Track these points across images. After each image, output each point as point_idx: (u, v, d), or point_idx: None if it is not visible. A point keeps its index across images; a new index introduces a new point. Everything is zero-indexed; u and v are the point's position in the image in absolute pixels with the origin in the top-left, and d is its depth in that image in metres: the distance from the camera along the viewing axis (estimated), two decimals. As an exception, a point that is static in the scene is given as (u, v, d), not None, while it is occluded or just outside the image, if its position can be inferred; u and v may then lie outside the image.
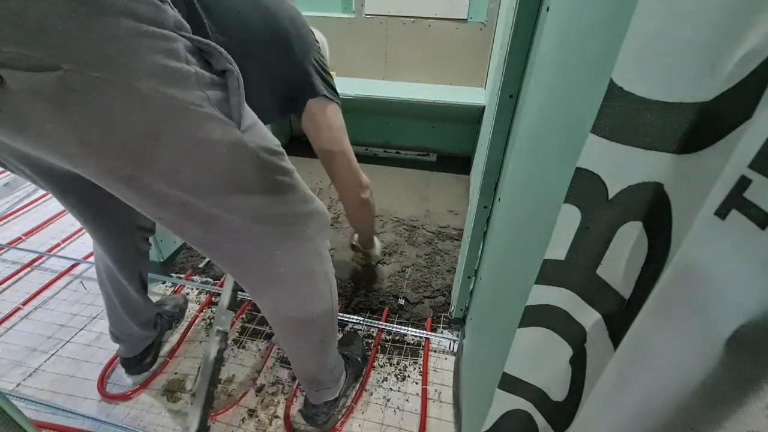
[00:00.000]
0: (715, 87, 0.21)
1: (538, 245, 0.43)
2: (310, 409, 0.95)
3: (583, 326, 0.33)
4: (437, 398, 1.06)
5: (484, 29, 1.88)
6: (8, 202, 1.85)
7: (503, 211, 0.78)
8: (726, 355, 0.18)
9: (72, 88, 0.39)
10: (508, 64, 0.74)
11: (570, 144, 0.39)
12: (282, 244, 0.63)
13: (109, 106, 0.42)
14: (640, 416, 0.23)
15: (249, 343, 1.19)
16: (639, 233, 0.28)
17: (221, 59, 0.49)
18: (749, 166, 0.18)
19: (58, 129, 0.42)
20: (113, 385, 1.07)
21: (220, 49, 0.49)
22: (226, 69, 0.50)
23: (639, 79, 0.25)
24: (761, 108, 0.18)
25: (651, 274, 0.26)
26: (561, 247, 0.33)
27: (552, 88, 0.52)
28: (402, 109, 1.96)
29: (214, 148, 0.49)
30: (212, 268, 1.46)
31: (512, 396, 0.43)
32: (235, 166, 0.53)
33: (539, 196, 0.52)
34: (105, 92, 0.41)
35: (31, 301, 1.31)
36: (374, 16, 1.96)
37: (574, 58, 0.43)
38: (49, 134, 0.42)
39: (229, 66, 0.50)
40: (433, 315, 1.29)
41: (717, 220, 0.19)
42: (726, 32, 0.20)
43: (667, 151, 0.25)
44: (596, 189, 0.29)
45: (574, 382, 0.34)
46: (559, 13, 0.52)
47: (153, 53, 0.42)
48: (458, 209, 1.82)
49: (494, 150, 0.86)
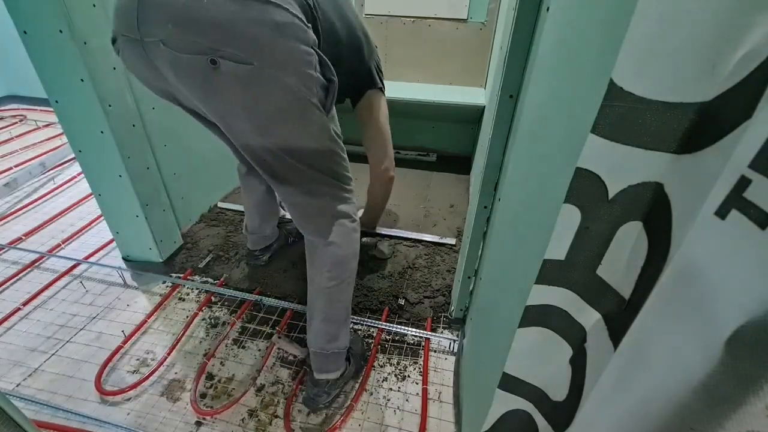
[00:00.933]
0: (715, 87, 0.21)
1: (538, 245, 0.43)
2: (312, 389, 0.98)
3: (583, 326, 0.33)
4: (437, 398, 1.06)
5: (484, 29, 1.88)
6: (8, 202, 1.85)
7: (503, 211, 0.78)
8: (726, 355, 0.18)
9: (255, 75, 0.66)
10: (508, 64, 0.74)
11: (570, 144, 0.39)
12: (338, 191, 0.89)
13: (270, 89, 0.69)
14: (640, 416, 0.23)
15: (249, 342, 1.19)
16: (639, 233, 0.28)
17: (328, 70, 0.76)
18: (749, 166, 0.18)
19: (235, 98, 0.70)
20: (112, 387, 1.07)
21: (329, 64, 0.75)
22: (331, 79, 0.77)
23: (639, 79, 0.25)
24: (761, 108, 0.18)
25: (651, 274, 0.26)
26: (561, 247, 0.33)
27: (552, 88, 0.52)
28: (402, 109, 1.96)
29: (313, 124, 0.77)
30: (212, 268, 1.46)
31: (512, 396, 0.43)
32: (321, 137, 0.80)
33: (539, 196, 0.52)
34: (270, 81, 0.68)
35: (31, 302, 1.31)
36: (374, 16, 1.96)
37: (574, 58, 0.43)
38: (229, 100, 0.70)
39: (333, 78, 0.77)
40: (433, 315, 1.29)
41: (717, 220, 0.19)
42: (726, 32, 0.20)
43: (667, 151, 0.25)
44: (596, 189, 0.29)
45: (574, 382, 0.34)
46: (559, 13, 0.52)
47: (301, 62, 0.70)
48: (458, 209, 1.82)
49: (494, 150, 0.86)
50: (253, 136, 0.77)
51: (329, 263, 0.91)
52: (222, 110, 0.74)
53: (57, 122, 1.54)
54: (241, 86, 0.67)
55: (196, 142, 1.55)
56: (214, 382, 1.08)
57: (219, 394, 1.05)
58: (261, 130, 0.75)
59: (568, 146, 0.41)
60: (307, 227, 0.92)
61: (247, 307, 1.30)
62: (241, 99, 0.69)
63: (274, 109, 0.71)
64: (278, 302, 1.31)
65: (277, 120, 0.74)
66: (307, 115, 0.75)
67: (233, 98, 0.69)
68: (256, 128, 0.75)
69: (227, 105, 0.72)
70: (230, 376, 1.09)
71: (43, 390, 1.05)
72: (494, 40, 1.76)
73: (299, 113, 0.74)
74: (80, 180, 2.04)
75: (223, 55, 0.63)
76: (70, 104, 1.15)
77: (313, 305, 0.95)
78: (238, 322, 1.25)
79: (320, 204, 0.87)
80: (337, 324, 0.95)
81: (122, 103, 1.20)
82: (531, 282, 0.37)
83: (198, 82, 0.68)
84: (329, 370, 0.97)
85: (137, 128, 1.26)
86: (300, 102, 0.72)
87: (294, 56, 0.68)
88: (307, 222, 0.91)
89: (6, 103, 3.07)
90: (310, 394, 0.99)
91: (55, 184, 2.01)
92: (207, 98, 0.72)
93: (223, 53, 0.63)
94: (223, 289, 1.35)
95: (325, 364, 0.96)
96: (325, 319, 0.94)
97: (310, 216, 0.90)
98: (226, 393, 1.05)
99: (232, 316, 1.27)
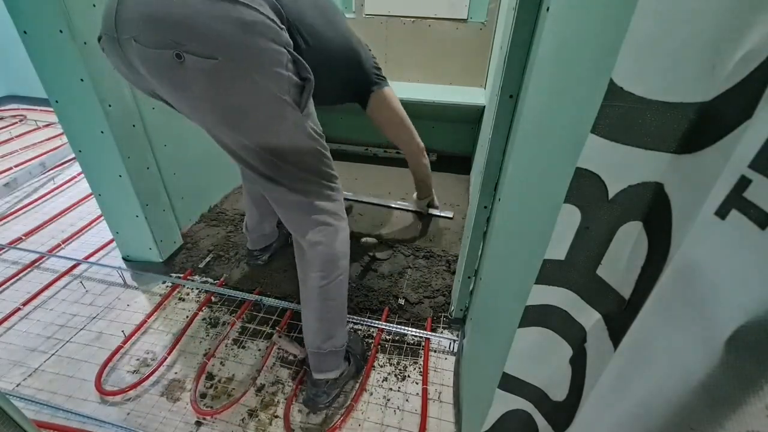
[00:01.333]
0: (715, 87, 0.21)
1: (538, 245, 0.43)
2: (311, 389, 0.98)
3: (583, 326, 0.33)
4: (437, 398, 1.06)
5: (484, 29, 1.88)
6: (8, 202, 1.85)
7: (503, 211, 0.78)
8: (726, 355, 0.18)
9: (221, 70, 0.67)
10: (508, 64, 0.74)
11: (570, 144, 0.39)
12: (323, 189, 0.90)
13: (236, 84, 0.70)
14: (640, 416, 0.23)
15: (249, 342, 1.19)
16: (639, 233, 0.28)
17: (304, 70, 0.76)
18: (749, 166, 0.18)
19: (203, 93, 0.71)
20: (112, 387, 1.07)
21: (305, 65, 0.75)
22: (307, 78, 0.77)
23: (639, 79, 0.25)
24: (761, 108, 0.18)
25: (651, 274, 0.26)
26: (561, 247, 0.33)
27: (552, 88, 0.52)
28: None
29: (285, 121, 0.78)
30: (212, 268, 1.46)
31: (512, 396, 0.43)
32: (296, 134, 0.81)
33: (539, 196, 0.52)
34: (236, 75, 0.69)
35: (31, 301, 1.31)
36: (374, 16, 1.96)
37: (574, 58, 0.43)
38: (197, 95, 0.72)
39: (309, 76, 0.77)
40: (433, 315, 1.28)
41: (717, 220, 0.19)
42: (726, 32, 0.20)
43: (667, 151, 0.25)
44: (596, 189, 0.29)
45: (574, 382, 0.34)
46: (559, 13, 0.52)
47: (269, 60, 0.70)
48: (458, 209, 1.82)
49: (494, 150, 0.86)
50: (225, 131, 0.79)
51: (318, 263, 0.91)
52: (191, 104, 0.76)
53: (57, 122, 1.54)
54: (206, 80, 0.68)
55: (196, 142, 1.55)
56: (214, 382, 1.08)
57: (219, 394, 1.05)
58: (231, 124, 0.77)
59: (568, 146, 0.41)
60: (293, 226, 0.93)
61: (247, 307, 1.30)
62: (207, 93, 0.71)
63: (241, 103, 0.73)
64: (278, 302, 1.31)
65: (246, 115, 0.75)
66: (279, 112, 0.76)
67: (200, 92, 0.71)
68: (226, 123, 0.77)
69: (196, 99, 0.74)
70: (230, 376, 1.09)
71: (43, 390, 1.05)
72: (494, 40, 1.76)
73: (269, 109, 0.75)
74: (80, 180, 2.04)
75: (187, 50, 0.65)
76: (70, 104, 1.15)
77: (306, 305, 0.96)
78: (238, 322, 1.25)
79: (305, 202, 0.88)
80: (332, 322, 0.95)
81: (122, 103, 1.20)
82: (531, 282, 0.37)
83: (166, 76, 0.70)
84: (327, 370, 0.97)
85: (137, 128, 1.26)
86: (269, 98, 0.73)
87: (262, 54, 0.69)
88: (293, 221, 0.92)
89: (6, 103, 3.07)
90: (309, 395, 0.99)
91: (55, 184, 2.01)
92: (176, 92, 0.74)
93: (188, 48, 0.65)
94: (223, 289, 1.35)
95: (322, 364, 0.96)
96: (319, 318, 0.94)
97: (295, 215, 0.91)
98: (226, 393, 1.05)
99: (232, 316, 1.27)
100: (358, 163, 2.20)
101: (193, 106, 0.77)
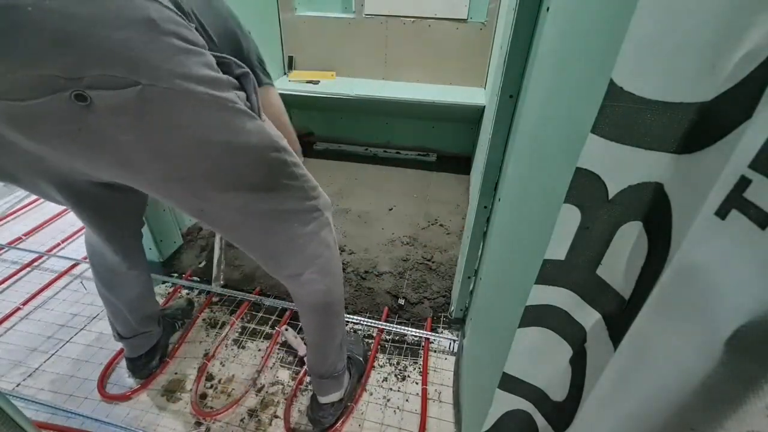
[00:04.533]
0: (715, 87, 0.21)
1: (538, 245, 0.43)
2: (317, 411, 0.96)
3: (583, 326, 0.33)
4: (437, 398, 1.06)
5: (484, 29, 1.88)
6: (8, 202, 1.85)
7: (503, 211, 0.78)
8: (726, 355, 0.18)
9: (148, 99, 0.47)
10: (508, 64, 0.74)
11: (570, 144, 0.39)
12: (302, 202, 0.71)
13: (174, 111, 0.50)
14: (640, 416, 0.23)
15: (249, 343, 1.19)
16: (639, 233, 0.28)
17: (233, 66, 0.58)
18: (749, 166, 0.18)
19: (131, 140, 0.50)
20: (113, 385, 1.07)
21: (234, 60, 0.57)
22: (242, 74, 0.58)
23: (639, 79, 0.25)
24: (761, 108, 0.18)
25: (651, 274, 0.26)
26: (561, 247, 0.33)
27: (552, 88, 0.52)
28: (402, 109, 1.96)
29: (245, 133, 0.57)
30: (211, 269, 1.46)
31: (512, 396, 0.43)
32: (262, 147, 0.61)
33: (539, 196, 0.52)
34: (171, 99, 0.49)
35: (31, 301, 1.31)
36: (374, 16, 1.95)
37: (574, 58, 0.43)
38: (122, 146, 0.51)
39: (244, 70, 0.58)
40: (433, 315, 1.29)
41: (717, 220, 0.19)
42: (726, 32, 0.20)
43: (667, 151, 0.25)
44: (596, 189, 0.29)
45: (574, 382, 0.34)
46: (559, 13, 0.52)
47: (199, 65, 0.51)
48: (458, 209, 1.82)
49: (494, 150, 0.86)
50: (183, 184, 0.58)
51: (312, 301, 0.82)
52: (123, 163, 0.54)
53: (57, 122, 1.54)
54: (134, 119, 0.48)
55: (196, 142, 1.55)
56: (214, 383, 1.08)
57: (219, 395, 1.05)
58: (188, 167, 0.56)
59: (568, 146, 0.41)
60: (281, 271, 0.77)
61: (246, 307, 1.30)
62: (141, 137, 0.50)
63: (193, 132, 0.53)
64: (278, 302, 1.31)
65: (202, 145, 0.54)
66: (238, 125, 0.56)
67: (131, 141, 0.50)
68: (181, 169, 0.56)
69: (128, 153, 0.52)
70: (230, 376, 1.09)
71: (43, 390, 1.05)
72: (494, 40, 1.76)
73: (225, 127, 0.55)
74: (80, 180, 2.04)
75: (90, 84, 0.44)
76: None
77: (306, 336, 0.92)
78: (238, 322, 1.25)
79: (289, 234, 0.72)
80: (332, 352, 0.91)
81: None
82: (531, 282, 0.37)
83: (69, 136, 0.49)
84: (331, 392, 0.96)
85: (137, 128, 1.26)
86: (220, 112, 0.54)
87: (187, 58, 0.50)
88: (280, 264, 0.76)
89: (6, 103, 3.07)
90: (316, 416, 0.97)
91: (55, 184, 2.01)
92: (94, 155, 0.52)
93: (89, 81, 0.44)
94: (224, 290, 1.35)
95: (325, 389, 0.95)
96: (320, 351, 0.91)
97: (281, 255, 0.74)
98: (226, 393, 1.05)
99: (232, 316, 1.27)
100: (358, 163, 2.20)
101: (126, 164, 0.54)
